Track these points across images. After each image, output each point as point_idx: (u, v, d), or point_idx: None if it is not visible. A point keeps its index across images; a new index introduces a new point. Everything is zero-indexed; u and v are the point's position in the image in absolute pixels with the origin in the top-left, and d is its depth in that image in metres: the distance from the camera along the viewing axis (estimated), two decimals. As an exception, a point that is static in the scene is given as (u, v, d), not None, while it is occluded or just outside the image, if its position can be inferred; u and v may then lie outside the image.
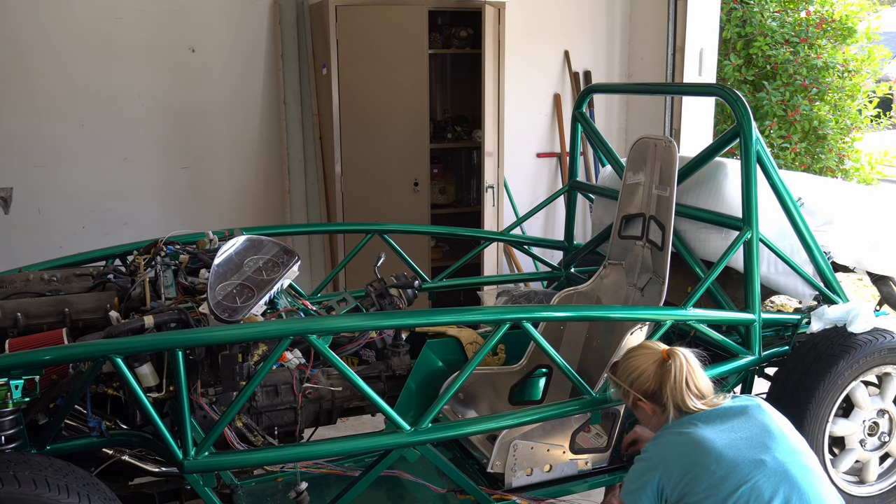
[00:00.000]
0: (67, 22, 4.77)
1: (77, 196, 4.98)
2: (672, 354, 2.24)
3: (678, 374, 2.19)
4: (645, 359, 2.28)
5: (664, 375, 2.22)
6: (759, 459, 2.03)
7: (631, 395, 2.29)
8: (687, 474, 2.05)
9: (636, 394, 2.27)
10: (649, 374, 2.25)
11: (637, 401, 2.28)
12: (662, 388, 2.21)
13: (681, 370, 2.20)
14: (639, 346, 2.37)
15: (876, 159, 7.10)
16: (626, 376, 2.30)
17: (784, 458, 2.04)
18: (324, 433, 2.73)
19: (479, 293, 4.52)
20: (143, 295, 2.60)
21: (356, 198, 5.04)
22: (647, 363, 2.27)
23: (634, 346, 2.40)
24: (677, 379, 2.19)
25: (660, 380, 2.22)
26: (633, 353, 2.34)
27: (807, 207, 3.18)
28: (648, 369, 2.25)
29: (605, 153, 3.75)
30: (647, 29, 5.94)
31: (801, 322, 3.17)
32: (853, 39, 6.79)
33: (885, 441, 3.13)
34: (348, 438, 2.45)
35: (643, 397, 2.26)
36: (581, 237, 5.48)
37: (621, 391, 2.34)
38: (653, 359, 2.27)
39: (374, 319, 2.63)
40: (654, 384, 2.23)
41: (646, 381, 2.25)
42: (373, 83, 4.91)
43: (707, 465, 2.03)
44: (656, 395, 2.23)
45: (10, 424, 2.13)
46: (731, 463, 2.02)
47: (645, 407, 2.27)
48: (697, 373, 2.24)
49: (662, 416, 2.24)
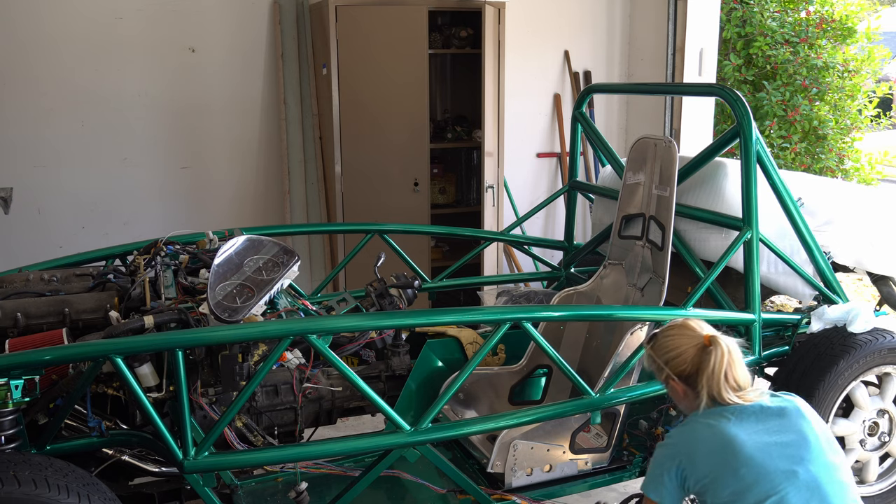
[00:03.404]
0: (68, 22, 4.77)
1: (77, 196, 4.99)
2: (714, 342, 2.12)
3: (717, 364, 2.09)
4: (685, 340, 2.17)
5: (703, 361, 2.11)
6: (792, 470, 1.94)
7: (665, 371, 2.19)
8: (712, 471, 1.99)
9: (670, 372, 2.17)
10: (687, 356, 2.14)
11: (669, 379, 2.18)
12: (699, 375, 2.11)
13: (721, 359, 2.09)
14: (681, 325, 2.22)
15: (876, 159, 7.10)
16: (663, 353, 2.19)
17: (818, 471, 1.96)
18: (324, 433, 2.73)
19: (479, 293, 4.51)
20: (143, 295, 2.59)
21: (356, 198, 5.04)
22: (686, 345, 2.15)
23: (676, 323, 2.25)
24: (716, 369, 2.08)
25: (697, 365, 2.12)
26: (673, 331, 2.21)
27: (807, 207, 3.18)
28: (688, 352, 2.14)
29: (605, 153, 3.75)
30: (647, 29, 5.94)
31: (801, 322, 3.16)
32: (853, 39, 6.80)
33: (885, 441, 3.13)
34: (348, 438, 2.45)
35: (676, 378, 2.16)
36: (581, 237, 5.47)
37: (655, 366, 2.23)
38: (694, 342, 2.15)
39: (374, 319, 2.63)
40: (691, 368, 2.13)
41: (682, 363, 2.14)
42: (373, 83, 4.91)
43: (735, 468, 1.96)
44: (691, 379, 2.13)
45: (10, 424, 2.13)
46: (760, 470, 1.94)
47: (676, 387, 2.18)
48: (738, 364, 2.12)
49: (694, 401, 2.14)
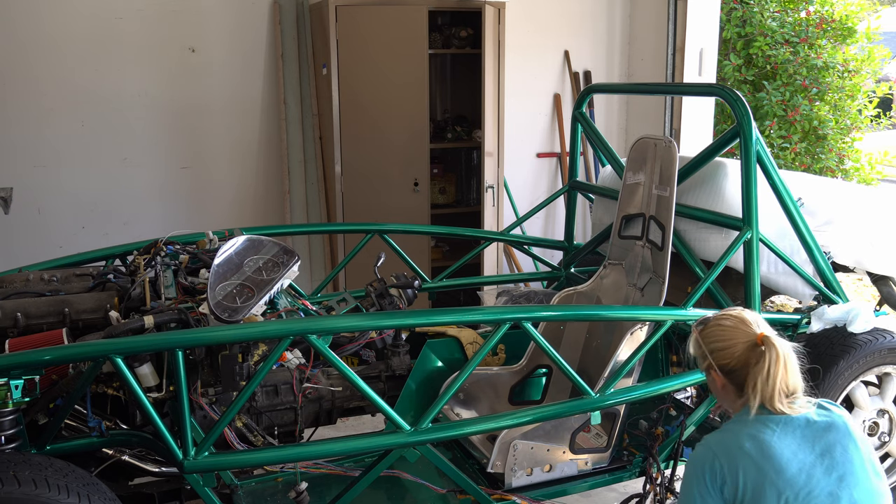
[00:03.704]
0: (68, 22, 4.77)
1: (77, 196, 4.98)
2: (767, 343, 2.01)
3: (773, 368, 1.98)
4: (737, 333, 2.06)
5: (754, 362, 2.01)
6: (835, 494, 1.90)
7: (708, 360, 2.10)
8: (752, 483, 1.93)
9: (713, 363, 2.08)
10: (736, 351, 2.04)
11: (711, 369, 2.10)
12: (748, 376, 2.01)
13: (776, 363, 1.98)
14: (736, 317, 2.11)
15: (876, 159, 7.10)
16: (711, 342, 2.09)
17: (861, 497, 1.92)
18: (324, 433, 2.73)
19: (479, 293, 4.51)
20: (143, 295, 2.59)
21: (356, 198, 5.04)
22: (738, 339, 2.05)
23: (732, 313, 2.14)
24: (772, 372, 1.98)
25: (744, 363, 2.02)
26: (727, 321, 2.11)
27: (807, 207, 3.18)
28: (737, 346, 2.04)
29: (605, 153, 3.75)
30: (647, 29, 5.94)
31: (801, 322, 3.16)
32: (853, 39, 6.80)
33: (885, 441, 3.13)
34: (348, 438, 2.45)
35: (719, 370, 2.07)
36: (581, 237, 5.48)
37: (699, 352, 2.13)
38: (746, 337, 2.05)
39: (374, 319, 2.63)
40: (737, 364, 2.04)
41: (729, 356, 2.05)
42: (373, 83, 4.91)
43: (778, 486, 1.90)
44: (734, 374, 2.05)
45: (10, 424, 2.13)
46: (802, 492, 1.89)
47: (717, 378, 2.09)
48: (792, 370, 2.02)
49: (737, 400, 2.07)
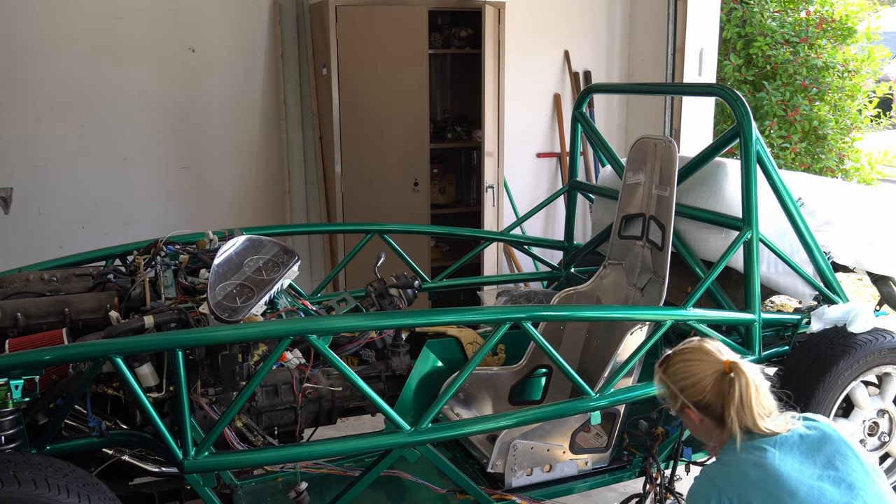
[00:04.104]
0: (68, 22, 4.77)
1: (77, 196, 4.98)
2: (735, 369, 1.98)
3: (745, 394, 1.96)
4: (703, 366, 2.02)
5: (726, 392, 1.98)
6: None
7: (679, 400, 2.05)
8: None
9: (686, 401, 2.03)
10: (706, 385, 2.00)
11: (685, 408, 2.05)
12: (725, 408, 1.98)
13: (748, 388, 1.96)
14: (696, 349, 2.08)
15: (876, 159, 7.10)
16: (678, 380, 2.05)
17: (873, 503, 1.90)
18: (324, 433, 2.73)
19: (479, 293, 4.51)
20: (143, 295, 2.59)
21: (356, 198, 5.04)
22: (705, 372, 2.01)
23: (692, 344, 2.10)
24: (745, 399, 1.95)
25: (718, 394, 1.99)
26: (689, 355, 2.07)
27: (807, 207, 3.18)
28: (706, 380, 2.00)
29: (605, 153, 3.75)
30: (647, 29, 5.94)
31: (801, 322, 3.16)
32: (853, 39, 6.80)
33: (885, 441, 3.13)
34: (348, 438, 2.45)
35: (693, 406, 2.03)
36: (581, 237, 5.47)
37: (668, 393, 2.08)
38: (712, 368, 2.01)
39: (374, 319, 2.63)
40: (711, 397, 2.00)
41: (701, 391, 2.00)
42: (373, 83, 4.91)
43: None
44: (710, 408, 2.00)
45: (10, 424, 2.13)
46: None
47: (693, 416, 2.05)
48: (763, 391, 2.01)
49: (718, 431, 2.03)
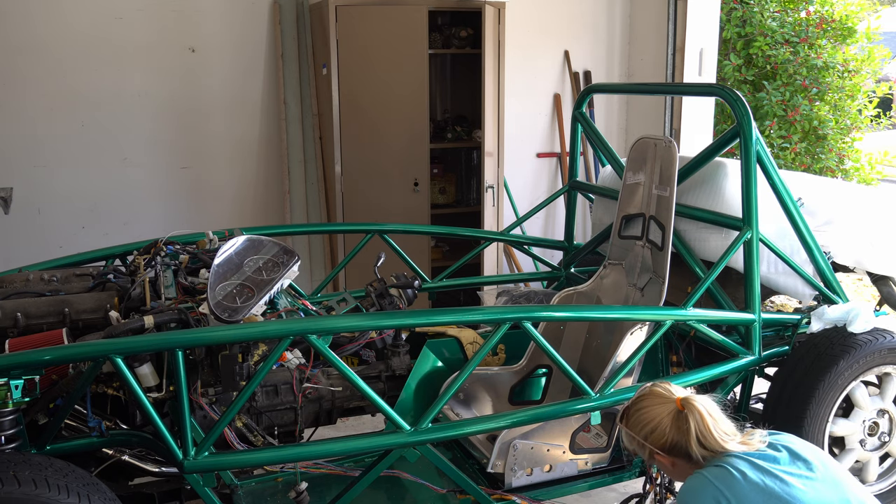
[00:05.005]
0: (68, 22, 4.77)
1: (77, 196, 4.98)
2: (687, 405, 2.04)
3: (701, 426, 2.00)
4: (658, 410, 2.07)
5: (684, 430, 2.02)
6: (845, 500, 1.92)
7: (647, 448, 2.08)
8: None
9: (652, 447, 2.07)
10: (665, 427, 2.05)
11: (654, 454, 2.08)
12: (688, 444, 2.01)
13: (702, 419, 2.01)
14: (648, 395, 2.13)
15: (876, 159, 7.10)
16: (640, 429, 2.09)
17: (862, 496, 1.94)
18: (324, 433, 2.73)
19: (479, 293, 4.51)
20: (143, 295, 2.59)
21: (356, 198, 5.04)
22: (660, 415, 2.06)
23: (643, 393, 2.15)
24: (702, 429, 2.00)
25: (679, 432, 2.03)
26: (642, 403, 2.12)
27: (807, 207, 3.18)
28: (663, 422, 2.05)
29: (605, 153, 3.75)
30: (647, 29, 5.94)
31: (801, 322, 3.16)
32: (853, 39, 6.80)
33: (885, 441, 3.13)
34: (348, 438, 2.45)
35: (661, 451, 2.06)
36: (581, 237, 5.47)
37: (635, 444, 2.12)
38: (666, 410, 2.06)
39: (374, 319, 2.63)
40: (673, 437, 2.04)
41: (662, 434, 2.05)
42: (373, 83, 4.91)
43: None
44: (676, 448, 2.04)
45: (10, 424, 2.13)
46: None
47: (664, 460, 2.08)
48: (719, 418, 2.05)
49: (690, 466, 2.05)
